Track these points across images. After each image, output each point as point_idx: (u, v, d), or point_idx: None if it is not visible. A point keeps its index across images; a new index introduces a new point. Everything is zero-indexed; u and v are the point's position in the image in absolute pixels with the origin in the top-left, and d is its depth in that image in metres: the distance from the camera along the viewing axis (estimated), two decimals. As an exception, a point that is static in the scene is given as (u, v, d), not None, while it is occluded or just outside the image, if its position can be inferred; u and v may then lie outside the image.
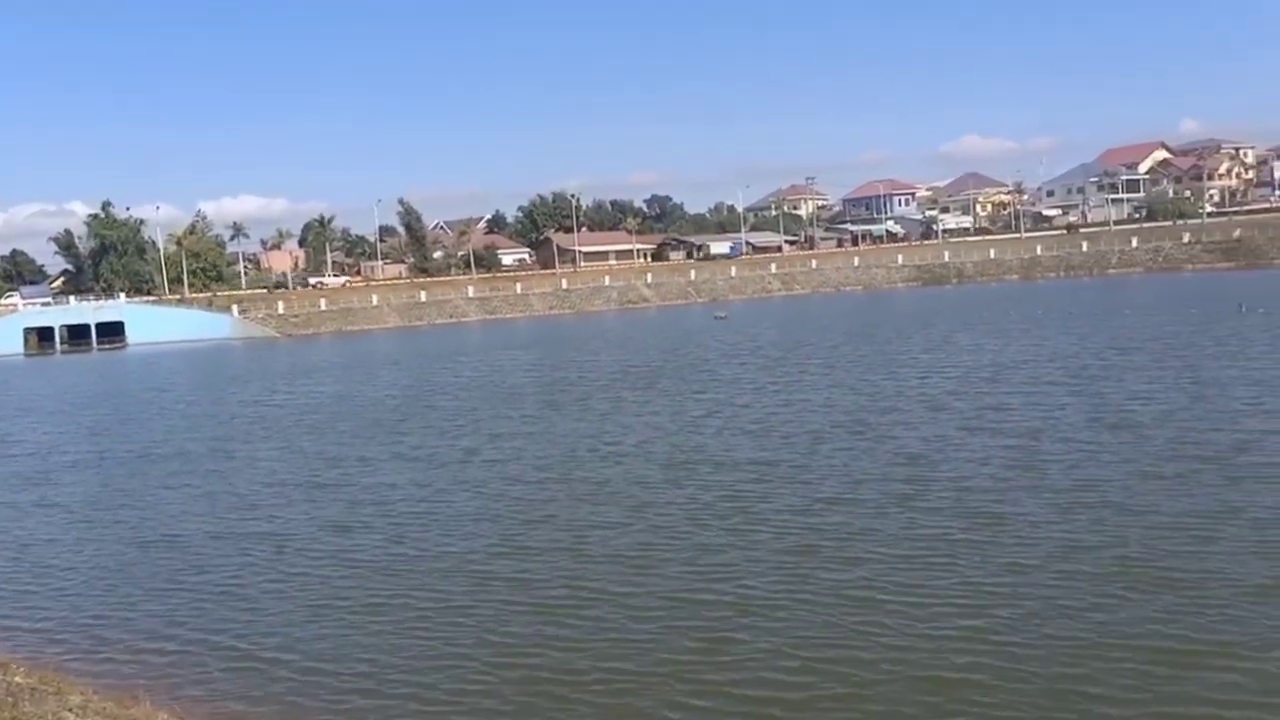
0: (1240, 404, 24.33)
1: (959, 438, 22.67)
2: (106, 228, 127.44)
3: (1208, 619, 11.61)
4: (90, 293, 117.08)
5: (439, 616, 13.68)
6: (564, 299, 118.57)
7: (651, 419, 28.68)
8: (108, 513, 21.70)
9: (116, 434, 34.60)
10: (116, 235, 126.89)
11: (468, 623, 13.37)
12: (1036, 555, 14.18)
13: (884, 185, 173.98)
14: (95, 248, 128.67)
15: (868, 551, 14.93)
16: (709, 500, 18.57)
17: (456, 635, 13.00)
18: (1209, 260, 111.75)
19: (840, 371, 37.51)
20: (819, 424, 25.74)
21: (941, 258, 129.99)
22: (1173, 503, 16.13)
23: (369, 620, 13.75)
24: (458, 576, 15.30)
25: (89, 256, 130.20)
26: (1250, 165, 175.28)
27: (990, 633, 11.74)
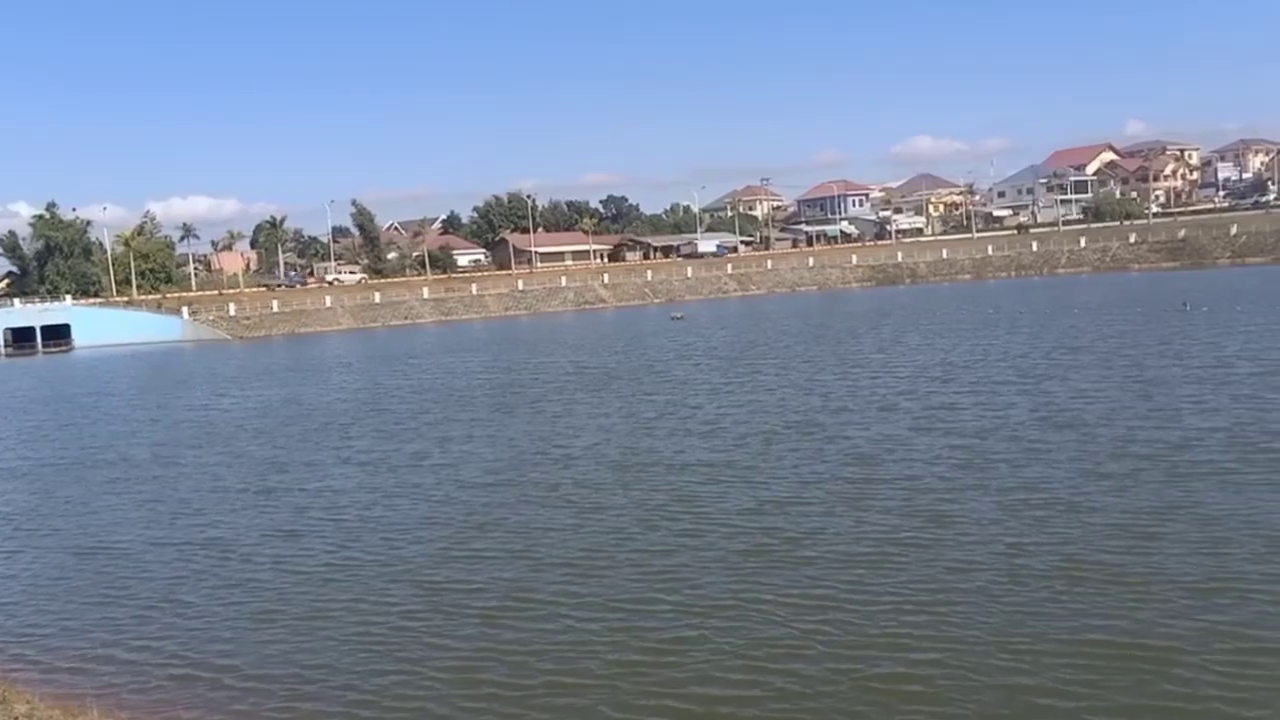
0: (1183, 402, 24.73)
1: (909, 437, 22.80)
2: (52, 228, 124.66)
3: (1152, 617, 11.70)
4: (36, 295, 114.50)
5: (386, 624, 13.48)
6: (520, 300, 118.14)
7: (603, 421, 28.56)
8: (47, 520, 21.16)
9: (57, 440, 33.81)
10: (62, 236, 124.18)
11: (415, 630, 13.18)
12: (983, 555, 14.25)
13: (838, 186, 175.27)
14: (40, 249, 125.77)
15: (818, 552, 14.92)
16: (659, 502, 18.48)
17: (404, 643, 12.81)
18: (1154, 260, 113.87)
19: (793, 372, 37.64)
20: (771, 425, 25.77)
21: (895, 258, 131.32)
22: (1117, 501, 16.30)
23: (315, 628, 13.53)
24: (405, 583, 15.09)
25: (34, 258, 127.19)
26: (1194, 167, 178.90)
27: (937, 632, 11.77)
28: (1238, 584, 12.49)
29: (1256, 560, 13.22)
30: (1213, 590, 12.35)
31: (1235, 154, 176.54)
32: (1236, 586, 12.41)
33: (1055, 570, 13.42)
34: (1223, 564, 13.21)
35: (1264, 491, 16.24)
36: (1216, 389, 26.29)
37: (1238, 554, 13.50)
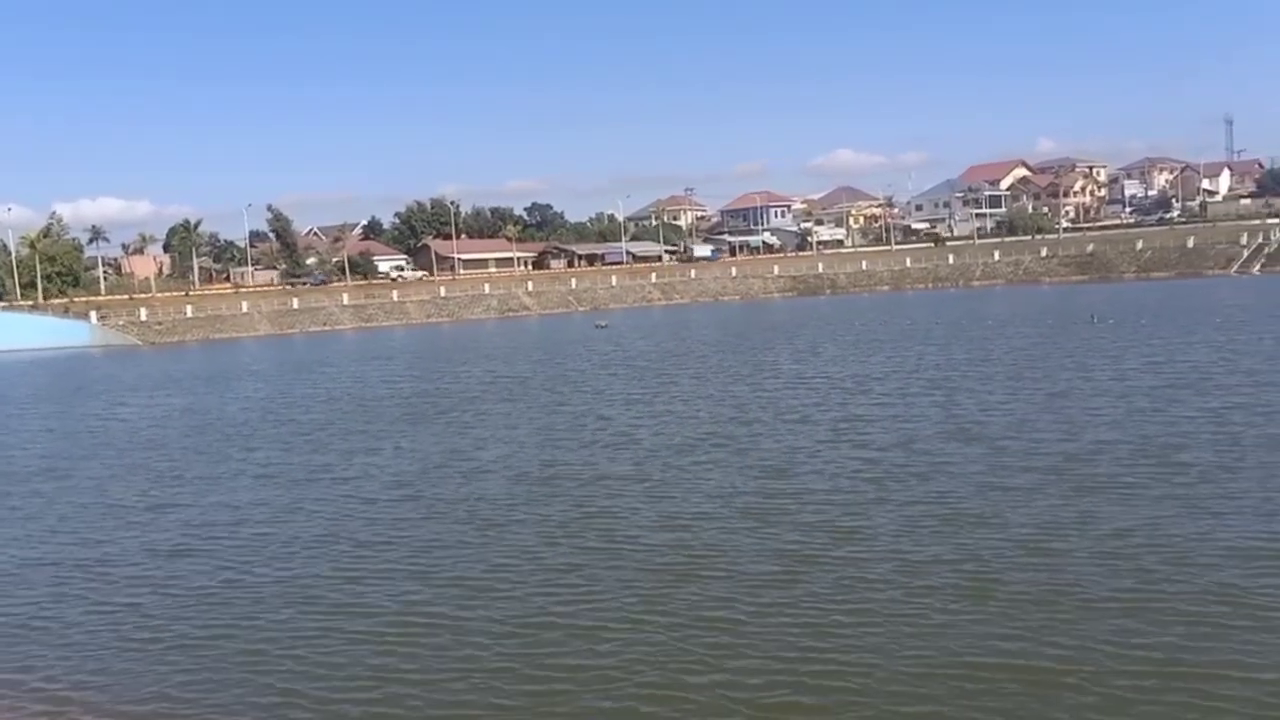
0: (1087, 415, 25.10)
1: (819, 450, 22.71)
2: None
3: (1055, 634, 11.63)
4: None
5: (270, 649, 12.81)
6: (442, 307, 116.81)
7: (513, 433, 28.00)
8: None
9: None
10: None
11: (302, 655, 12.54)
12: (887, 571, 14.10)
13: (761, 197, 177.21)
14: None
15: (721, 570, 14.64)
16: (564, 518, 18.04)
17: (289, 668, 12.18)
18: (1064, 273, 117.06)
19: (708, 383, 37.54)
20: (683, 437, 25.54)
21: (816, 269, 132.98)
22: (1022, 515, 16.31)
23: (195, 654, 12.78)
24: (295, 605, 14.41)
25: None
26: (1102, 183, 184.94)
27: (841, 652, 11.56)
28: (1140, 600, 12.47)
29: (1159, 578, 13.22)
30: (1115, 608, 12.29)
31: (1141, 171, 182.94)
32: (1139, 603, 12.39)
33: (958, 588, 13.30)
34: (1124, 580, 13.20)
35: (1165, 506, 16.36)
36: (1119, 401, 26.78)
37: (1140, 570, 13.52)
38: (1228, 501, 16.33)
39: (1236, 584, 12.77)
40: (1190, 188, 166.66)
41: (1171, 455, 19.79)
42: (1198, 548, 14.20)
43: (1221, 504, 16.20)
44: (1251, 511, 15.75)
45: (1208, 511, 15.83)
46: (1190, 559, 13.77)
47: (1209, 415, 23.83)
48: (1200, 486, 17.35)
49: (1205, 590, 12.63)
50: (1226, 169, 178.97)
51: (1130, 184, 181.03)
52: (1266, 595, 12.36)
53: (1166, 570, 13.42)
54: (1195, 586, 12.78)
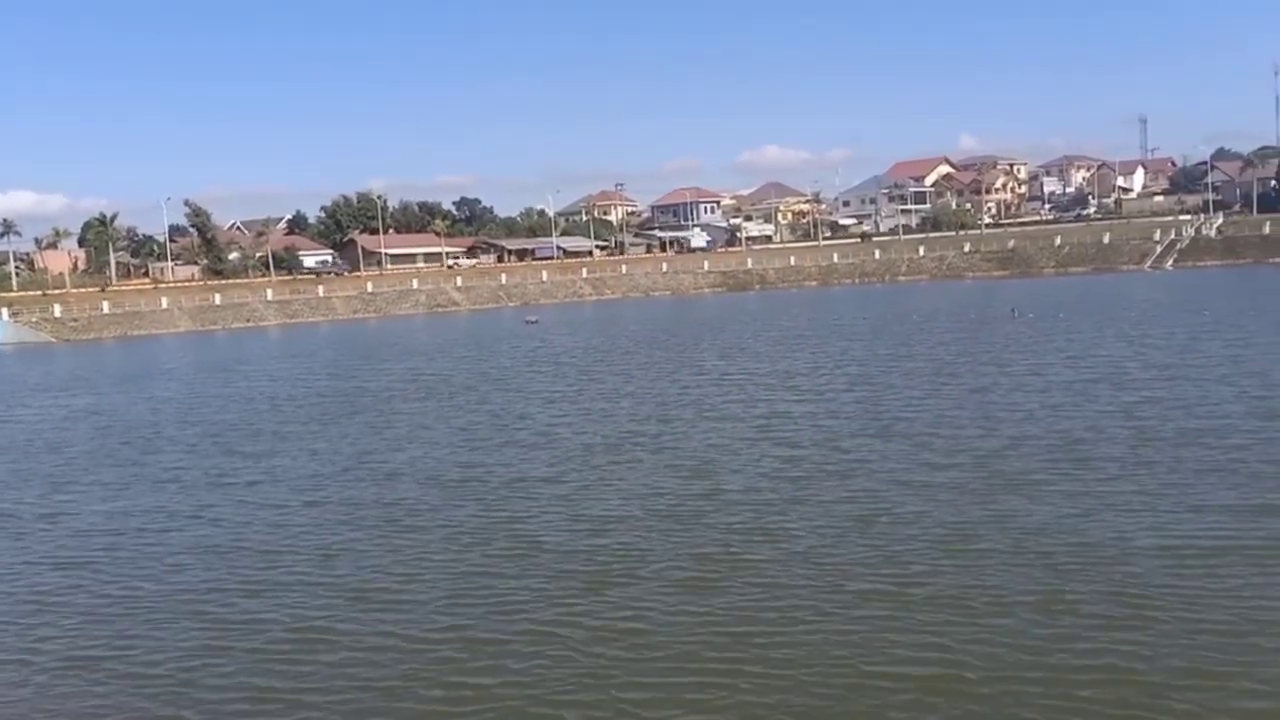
0: (1007, 410, 25.17)
1: (740, 448, 22.45)
2: None
3: (972, 636, 11.44)
4: None
5: (150, 671, 12.03)
6: (369, 302, 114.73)
7: (430, 433, 27.25)
8: None
9: None
10: None
11: (187, 676, 11.79)
12: (807, 573, 13.81)
13: (691, 193, 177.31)
14: None
15: (638, 574, 14.24)
16: (477, 523, 17.45)
17: (170, 690, 11.43)
18: (987, 269, 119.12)
19: (633, 380, 37.10)
20: (603, 435, 25.08)
21: (745, 265, 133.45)
22: (942, 514, 16.17)
23: (71, 676, 11.98)
24: (184, 619, 13.63)
25: None
26: (1022, 180, 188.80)
27: (753, 662, 11.21)
28: (1055, 599, 12.35)
29: (1074, 577, 13.14)
30: (1030, 607, 12.17)
31: (1060, 169, 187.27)
32: (1054, 602, 12.27)
33: (877, 590, 13.07)
34: (1040, 578, 13.10)
35: (1080, 502, 16.34)
36: (1036, 396, 26.97)
37: (1055, 566, 13.44)
38: (1142, 498, 16.34)
39: (1150, 581, 12.73)
40: (1106, 185, 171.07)
41: (1088, 451, 19.88)
42: (1114, 545, 14.16)
43: (1137, 500, 16.22)
44: (1166, 509, 15.76)
45: (1123, 508, 15.84)
46: (1106, 557, 13.71)
47: (1124, 411, 24.05)
48: (1115, 483, 17.36)
49: (1119, 588, 12.55)
50: (1141, 167, 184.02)
51: (1049, 181, 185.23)
52: (1179, 592, 12.32)
53: (1082, 568, 13.33)
54: (1110, 585, 12.69)
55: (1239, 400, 24.50)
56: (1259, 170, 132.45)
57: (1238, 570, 12.95)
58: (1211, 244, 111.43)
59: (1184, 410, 23.57)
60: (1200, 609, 11.83)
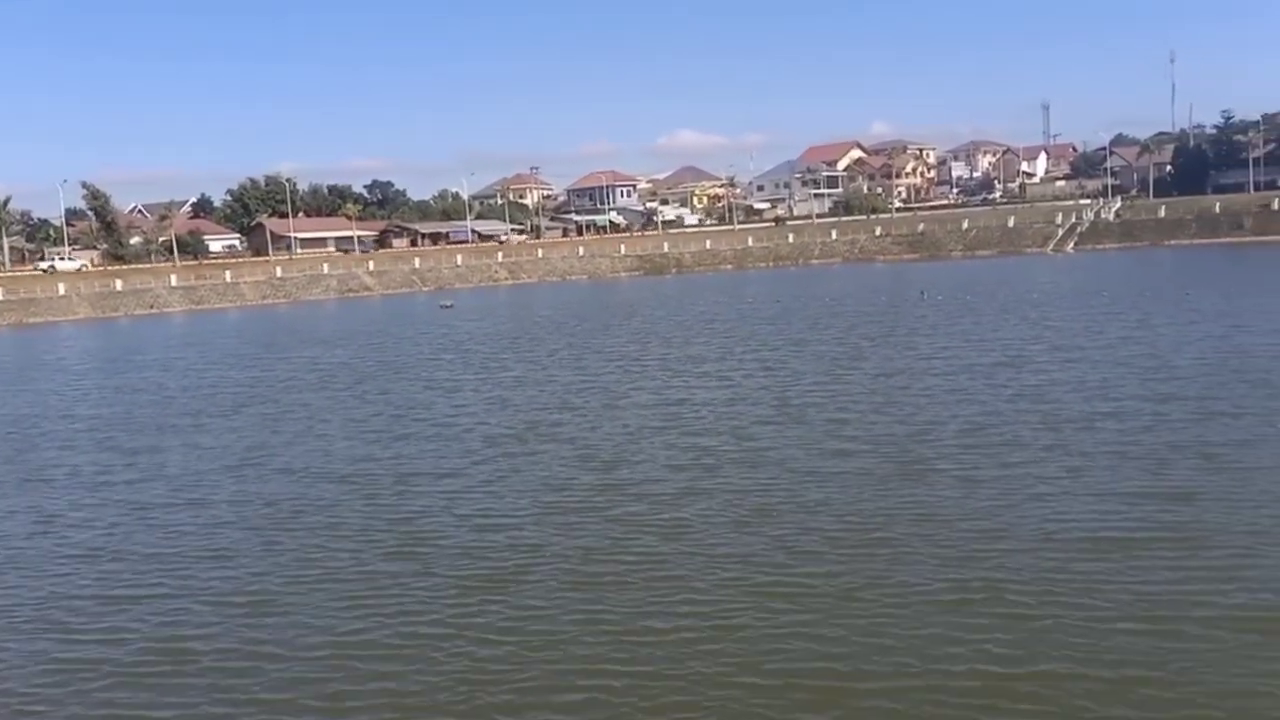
0: (914, 395, 25.39)
1: (645, 437, 22.13)
2: None
3: (881, 631, 11.26)
4: None
5: (6, 686, 11.25)
6: (279, 288, 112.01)
7: (324, 426, 26.31)
8: None
9: None
10: None
11: (40, 694, 11.03)
12: (708, 568, 13.53)
13: (607, 176, 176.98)
14: None
15: (534, 576, 13.74)
16: (368, 523, 16.74)
17: (17, 714, 10.68)
18: (897, 252, 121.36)
19: (543, 368, 36.52)
20: (505, 427, 24.45)
21: (661, 248, 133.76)
22: (849, 504, 16.02)
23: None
24: (41, 635, 12.73)
25: None
26: (931, 165, 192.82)
27: (640, 662, 10.91)
28: (961, 589, 12.26)
29: (987, 565, 13.04)
30: (937, 597, 12.04)
31: (967, 154, 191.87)
32: (961, 592, 12.17)
33: (783, 584, 12.81)
34: (944, 568, 12.99)
35: (986, 489, 16.37)
36: (942, 379, 27.31)
37: (962, 556, 13.33)
38: (1049, 484, 16.41)
39: (1061, 570, 12.65)
40: (1011, 170, 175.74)
41: (994, 436, 19.95)
42: (1023, 533, 14.10)
43: (1043, 486, 16.28)
44: (1074, 495, 15.85)
45: (1031, 495, 15.86)
46: (1015, 547, 13.61)
47: (1028, 394, 24.39)
48: (1023, 468, 17.44)
49: (1028, 579, 12.46)
50: (1044, 152, 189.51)
51: (957, 166, 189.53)
52: (1090, 581, 12.27)
53: (991, 557, 13.22)
54: (1019, 575, 12.59)
55: (1136, 383, 24.95)
56: (1155, 156, 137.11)
57: (1145, 559, 12.89)
58: (1110, 227, 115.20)
59: (1085, 393, 23.91)
60: (1112, 599, 11.74)
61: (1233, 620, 11.04)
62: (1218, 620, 11.06)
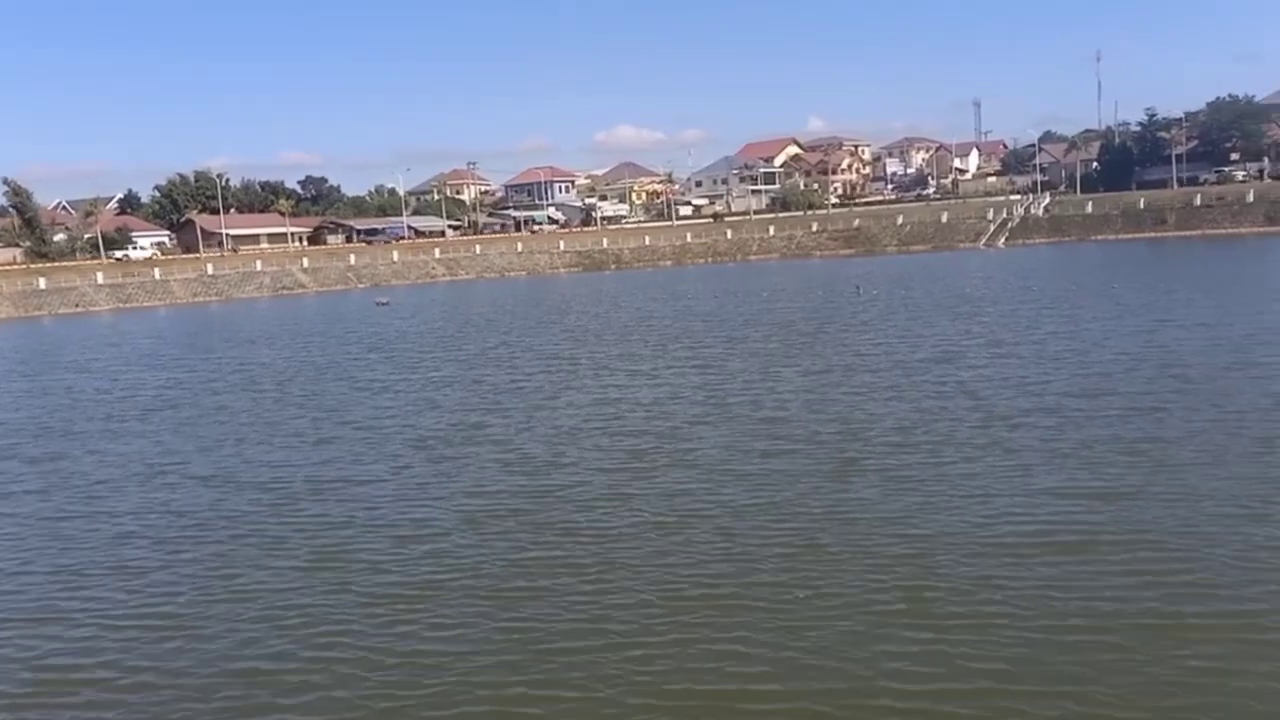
0: (849, 393, 25.27)
1: (573, 439, 21.61)
2: None
3: (807, 638, 11.00)
4: None
5: None
6: (210, 285, 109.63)
7: (242, 430, 25.42)
8: None
9: None
10: None
11: None
12: (626, 578, 13.11)
13: (545, 172, 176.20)
14: None
15: (441, 588, 13.23)
16: (276, 534, 16.04)
17: None
18: (834, 248, 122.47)
19: (473, 368, 35.82)
20: (430, 429, 23.84)
21: (601, 244, 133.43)
22: (782, 507, 15.73)
23: None
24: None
25: None
26: (867, 161, 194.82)
27: (552, 685, 10.51)
28: (896, 595, 12.01)
29: (912, 567, 12.85)
30: (868, 603, 11.78)
31: (901, 151, 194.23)
32: (893, 597, 11.93)
33: (706, 596, 12.41)
34: (876, 573, 12.74)
35: (920, 489, 16.22)
36: (877, 376, 27.24)
37: (894, 560, 13.11)
38: (981, 483, 16.31)
39: (993, 574, 12.49)
40: (944, 166, 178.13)
41: (927, 435, 19.86)
42: (956, 535, 13.92)
43: (976, 485, 16.16)
44: (1006, 494, 15.74)
45: (964, 494, 15.73)
46: (948, 546, 13.45)
47: (962, 391, 24.45)
48: (956, 467, 17.32)
49: (967, 581, 12.26)
50: (975, 149, 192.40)
51: (891, 162, 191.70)
52: (1020, 584, 12.11)
53: (928, 560, 13.02)
54: (957, 578, 12.40)
55: (1067, 379, 25.09)
56: (1082, 153, 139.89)
57: (1080, 560, 12.79)
58: (1040, 222, 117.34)
59: (1018, 390, 23.96)
60: (1043, 601, 11.60)
61: (1178, 626, 10.91)
62: (1161, 626, 10.92)
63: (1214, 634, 10.62)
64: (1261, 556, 12.56)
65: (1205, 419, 19.59)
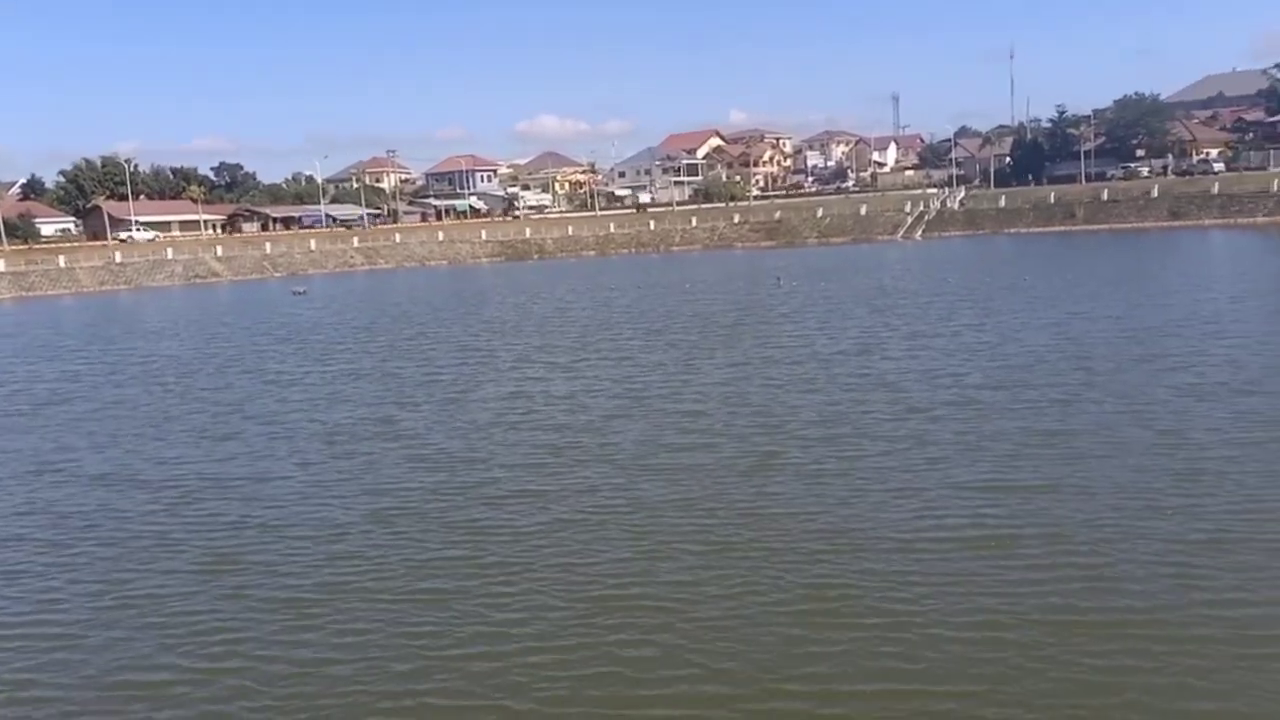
0: (764, 386, 25.19)
1: (484, 434, 21.10)
2: None
3: (719, 640, 10.76)
4: None
5: None
6: (119, 273, 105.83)
7: (140, 426, 24.32)
8: None
9: None
10: None
11: None
12: (530, 578, 12.73)
13: (466, 161, 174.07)
14: None
15: (335, 592, 12.69)
16: (167, 535, 15.30)
17: None
18: (755, 239, 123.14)
19: (384, 360, 34.99)
20: (335, 423, 23.10)
21: (523, 234, 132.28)
22: (690, 501, 15.53)
23: None
24: None
25: None
26: (788, 154, 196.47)
27: (465, 693, 10.11)
28: (812, 595, 11.83)
29: (830, 565, 12.69)
30: (782, 604, 11.58)
31: (821, 144, 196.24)
32: (811, 598, 11.75)
33: (613, 598, 12.13)
34: (793, 573, 12.56)
35: (836, 484, 16.15)
36: (793, 368, 27.22)
37: (811, 558, 12.95)
38: (900, 476, 16.28)
39: (907, 571, 12.40)
40: (863, 159, 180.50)
41: (845, 427, 19.79)
42: (872, 531, 13.84)
43: (895, 479, 16.13)
44: (925, 489, 15.73)
45: (884, 489, 15.65)
46: (868, 541, 13.35)
47: (881, 383, 24.54)
48: (874, 460, 17.29)
49: (884, 579, 12.15)
50: (894, 143, 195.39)
51: (812, 155, 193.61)
52: (945, 578, 12.04)
53: (846, 556, 12.88)
54: (875, 575, 12.27)
55: (982, 371, 25.33)
56: (996, 148, 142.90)
57: (986, 556, 12.76)
58: (955, 216, 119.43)
59: (935, 382, 24.12)
60: (958, 598, 11.53)
61: (1084, 624, 10.90)
62: (1069, 623, 10.90)
63: (1117, 630, 10.63)
64: (1158, 550, 12.68)
65: (1113, 410, 19.92)
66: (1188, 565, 12.15)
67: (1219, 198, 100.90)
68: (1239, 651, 10.00)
